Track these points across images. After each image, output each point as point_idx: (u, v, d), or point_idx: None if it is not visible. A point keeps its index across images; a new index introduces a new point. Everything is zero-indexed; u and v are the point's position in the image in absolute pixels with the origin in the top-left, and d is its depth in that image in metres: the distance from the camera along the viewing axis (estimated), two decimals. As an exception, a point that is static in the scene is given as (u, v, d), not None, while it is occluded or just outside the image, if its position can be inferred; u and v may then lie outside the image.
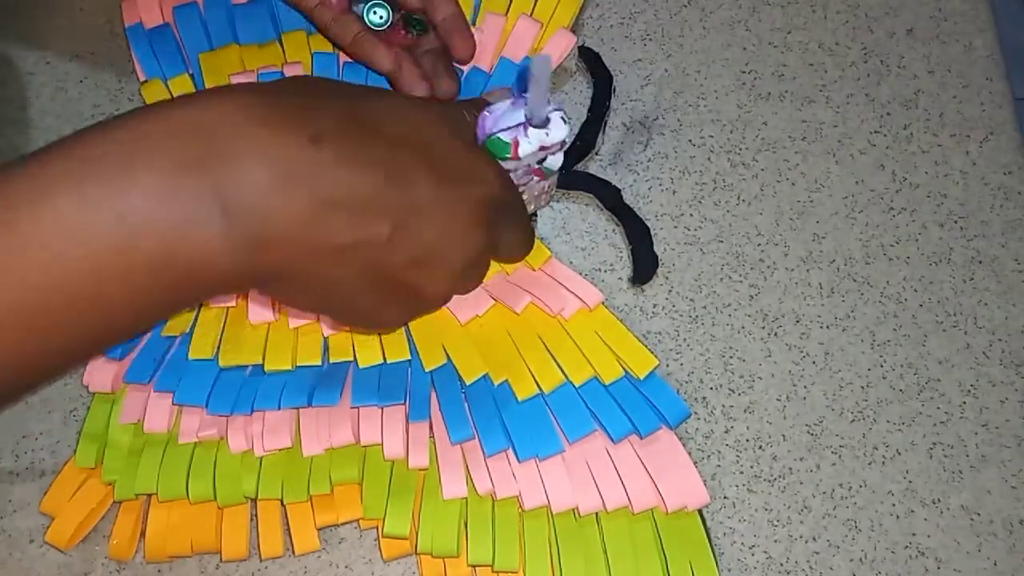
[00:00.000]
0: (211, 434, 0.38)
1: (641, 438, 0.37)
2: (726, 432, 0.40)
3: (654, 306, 0.42)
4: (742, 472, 0.39)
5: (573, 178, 0.43)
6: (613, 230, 0.43)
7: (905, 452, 0.39)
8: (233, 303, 0.40)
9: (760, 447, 0.39)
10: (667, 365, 0.41)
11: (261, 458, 0.38)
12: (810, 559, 0.38)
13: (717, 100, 0.45)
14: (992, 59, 0.46)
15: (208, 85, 0.43)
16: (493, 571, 0.36)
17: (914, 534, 0.38)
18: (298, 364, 0.39)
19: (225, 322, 0.40)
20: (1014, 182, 0.44)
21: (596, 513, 0.37)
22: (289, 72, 0.43)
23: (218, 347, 0.39)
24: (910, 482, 0.39)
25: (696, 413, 0.40)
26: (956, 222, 0.43)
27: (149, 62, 0.45)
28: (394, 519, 0.36)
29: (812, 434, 0.40)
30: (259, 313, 0.39)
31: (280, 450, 0.38)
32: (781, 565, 0.38)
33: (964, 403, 0.40)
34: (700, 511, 0.37)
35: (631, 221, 0.42)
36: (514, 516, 0.37)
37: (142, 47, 0.45)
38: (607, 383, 0.38)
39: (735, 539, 0.38)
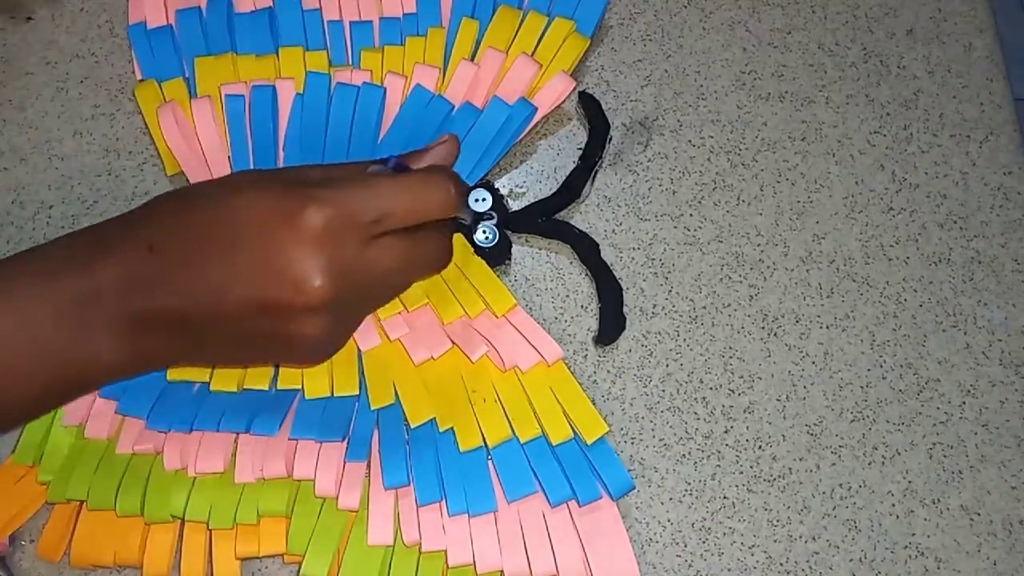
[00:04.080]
0: (147, 448, 0.38)
1: (580, 506, 0.37)
2: (726, 432, 0.40)
3: (654, 306, 0.42)
4: (742, 472, 0.39)
5: (554, 227, 0.42)
6: (613, 231, 0.43)
7: (905, 452, 0.39)
8: None
9: (760, 447, 0.39)
10: (667, 365, 0.41)
11: (193, 478, 0.37)
12: (810, 559, 0.38)
13: (717, 100, 0.45)
14: (992, 60, 0.46)
15: (200, 91, 0.43)
16: None
17: (914, 534, 0.38)
18: (245, 387, 0.38)
19: None
20: (1014, 182, 0.44)
21: None
22: (281, 87, 0.43)
23: None
24: (910, 482, 0.39)
25: (696, 413, 0.40)
26: (956, 222, 0.43)
27: (147, 61, 0.45)
28: (314, 559, 0.36)
29: (812, 434, 0.40)
30: None
31: (213, 473, 0.37)
32: (781, 565, 0.38)
33: (964, 403, 0.40)
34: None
35: (605, 279, 0.41)
36: (438, 571, 0.36)
37: (142, 46, 0.45)
38: (554, 444, 0.37)
39: (735, 539, 0.38)
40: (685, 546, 0.38)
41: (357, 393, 0.38)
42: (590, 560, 0.36)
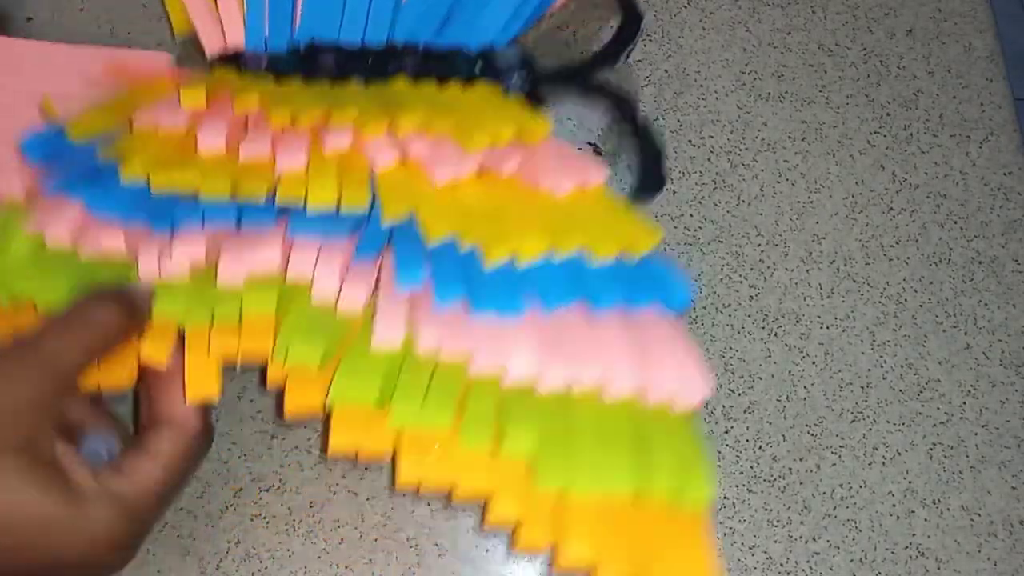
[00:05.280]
0: (118, 245, 0.32)
1: (634, 310, 0.30)
2: (726, 432, 0.40)
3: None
4: (742, 472, 0.39)
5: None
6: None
7: (905, 452, 0.39)
8: (182, 125, 0.35)
9: (760, 447, 0.39)
10: (667, 365, 0.41)
11: (166, 279, 0.31)
12: (810, 559, 0.38)
13: (717, 101, 0.45)
14: (992, 60, 0.46)
15: None
16: (418, 434, 0.28)
17: (914, 534, 0.38)
18: (239, 194, 0.33)
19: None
20: (1014, 182, 0.44)
21: (563, 392, 0.29)
22: None
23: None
24: (910, 483, 0.39)
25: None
26: (956, 222, 0.43)
27: None
28: (306, 346, 0.28)
29: (812, 434, 0.40)
30: (209, 139, 0.34)
31: (191, 275, 0.31)
32: (781, 565, 0.38)
33: (964, 403, 0.40)
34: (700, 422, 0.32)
35: (646, 135, 0.38)
36: (458, 379, 0.29)
37: None
38: (600, 258, 0.31)
39: (735, 539, 0.38)
40: (685, 546, 0.38)
41: (367, 207, 0.33)
42: (649, 370, 0.30)
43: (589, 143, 0.39)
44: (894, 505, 0.39)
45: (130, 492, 0.27)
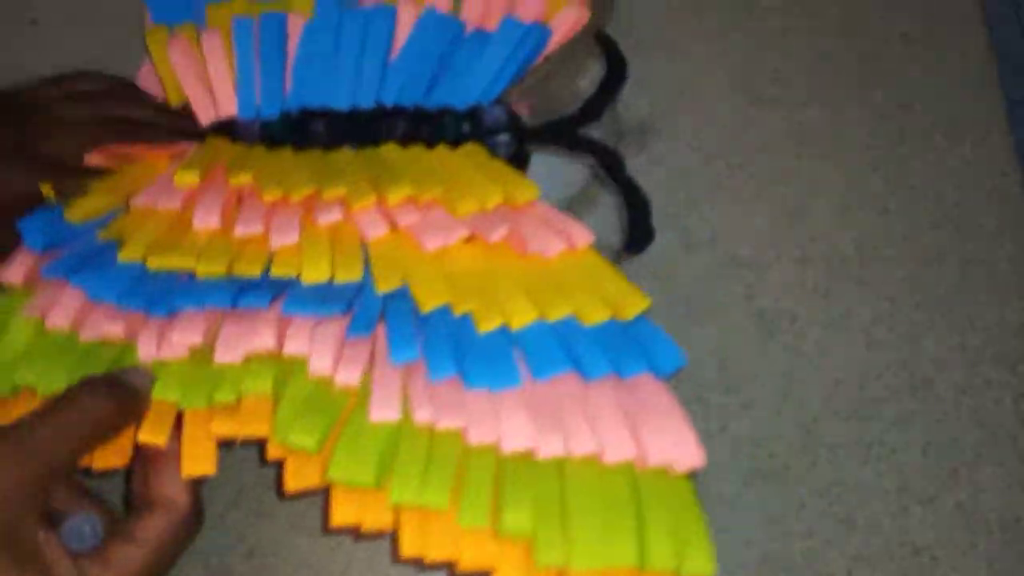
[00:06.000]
0: (117, 331, 0.33)
1: (623, 379, 0.32)
2: (722, 430, 0.40)
3: (652, 307, 0.42)
4: (738, 470, 0.39)
5: (576, 140, 0.41)
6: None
7: (900, 451, 0.40)
8: (178, 205, 0.37)
9: (756, 445, 0.40)
10: (664, 365, 0.41)
11: (164, 363, 0.32)
12: (806, 556, 0.38)
13: (713, 104, 0.46)
14: (985, 62, 0.46)
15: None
16: (418, 509, 0.29)
17: (909, 532, 0.39)
18: (234, 273, 0.35)
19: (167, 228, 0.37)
20: (1007, 184, 0.44)
21: (559, 463, 0.30)
22: (292, 20, 0.42)
23: None
24: (905, 480, 0.39)
25: (692, 412, 0.40)
26: (950, 223, 0.43)
27: (158, 8, 0.44)
28: (303, 433, 0.30)
29: (808, 432, 0.40)
30: (204, 217, 0.36)
31: (189, 356, 0.32)
32: (777, 562, 0.38)
33: (959, 402, 0.41)
34: (692, 482, 0.31)
35: (631, 190, 0.40)
36: (454, 453, 0.30)
37: None
38: (589, 324, 0.33)
39: (731, 536, 0.38)
40: (682, 543, 0.38)
41: (360, 279, 0.34)
42: (641, 438, 0.30)
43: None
44: (889, 503, 0.39)
45: None
